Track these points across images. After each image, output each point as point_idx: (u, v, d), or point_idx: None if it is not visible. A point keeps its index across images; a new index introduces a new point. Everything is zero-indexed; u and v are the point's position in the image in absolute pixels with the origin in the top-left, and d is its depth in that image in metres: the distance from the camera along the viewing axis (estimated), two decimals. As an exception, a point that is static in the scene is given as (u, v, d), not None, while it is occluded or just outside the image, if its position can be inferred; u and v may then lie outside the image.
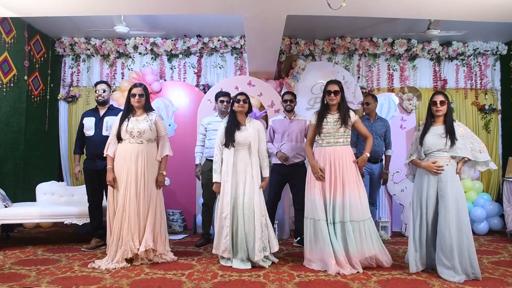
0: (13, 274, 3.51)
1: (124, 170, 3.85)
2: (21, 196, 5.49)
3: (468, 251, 3.39)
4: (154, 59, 6.62)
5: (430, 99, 3.69)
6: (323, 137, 3.89)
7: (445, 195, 3.45)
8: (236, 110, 4.00)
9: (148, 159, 3.94)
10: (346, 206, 3.71)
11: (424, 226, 3.57)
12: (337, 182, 3.76)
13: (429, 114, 3.66)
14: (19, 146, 5.65)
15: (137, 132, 3.90)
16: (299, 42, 6.38)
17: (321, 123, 3.88)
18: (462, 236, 3.39)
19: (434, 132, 3.58)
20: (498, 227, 5.58)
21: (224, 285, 3.27)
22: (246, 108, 4.02)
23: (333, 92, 3.86)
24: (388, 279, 3.43)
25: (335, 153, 3.84)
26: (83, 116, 4.71)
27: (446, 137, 3.52)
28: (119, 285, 3.21)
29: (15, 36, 5.55)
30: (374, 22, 5.72)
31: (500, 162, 6.56)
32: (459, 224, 3.41)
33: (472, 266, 3.39)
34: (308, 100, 6.15)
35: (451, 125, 3.55)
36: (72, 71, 6.67)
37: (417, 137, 3.72)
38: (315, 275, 3.56)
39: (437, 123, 3.62)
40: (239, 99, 3.99)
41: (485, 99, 6.61)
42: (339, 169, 3.79)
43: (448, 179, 3.49)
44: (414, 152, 3.74)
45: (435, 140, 3.55)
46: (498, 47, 6.49)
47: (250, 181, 3.89)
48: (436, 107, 3.58)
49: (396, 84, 6.56)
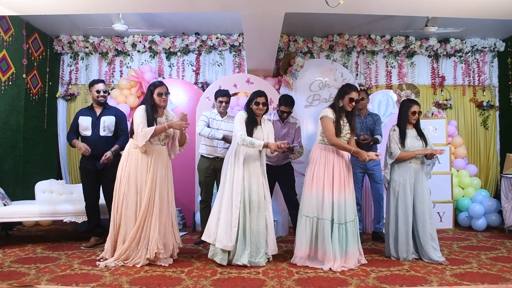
0: (12, 272, 3.51)
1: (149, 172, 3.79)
2: (20, 195, 5.49)
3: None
4: (152, 57, 6.62)
5: (406, 107, 4.04)
6: None
7: (422, 189, 3.97)
8: (255, 112, 3.90)
9: (169, 161, 4.02)
10: (350, 206, 3.75)
11: (409, 217, 3.95)
12: (345, 182, 3.77)
13: (405, 120, 4.06)
14: (18, 145, 5.66)
15: (164, 135, 3.89)
16: (298, 39, 6.39)
17: (338, 125, 3.81)
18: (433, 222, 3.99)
19: (411, 135, 4.06)
20: (496, 223, 5.60)
21: (223, 282, 3.28)
22: (264, 111, 3.96)
23: (355, 100, 3.81)
24: (387, 275, 3.44)
25: (341, 153, 3.85)
26: (78, 114, 4.60)
27: (421, 139, 4.05)
28: (118, 282, 3.22)
29: (13, 34, 5.54)
30: (372, 19, 5.73)
31: (498, 158, 6.59)
32: (431, 212, 3.99)
33: None
34: (307, 98, 6.16)
35: (420, 128, 4.10)
36: (70, 69, 6.67)
37: (397, 138, 4.03)
38: (314, 271, 3.57)
39: (410, 126, 4.10)
40: (258, 102, 3.87)
41: (483, 96, 6.64)
42: (346, 170, 3.81)
43: (422, 175, 4.02)
44: (396, 149, 4.00)
45: (414, 142, 4.03)
46: (496, 44, 6.51)
47: (260, 178, 3.84)
48: (415, 116, 4.03)
49: (394, 81, 6.58)
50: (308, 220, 3.79)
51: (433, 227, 3.94)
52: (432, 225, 3.93)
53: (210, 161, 4.63)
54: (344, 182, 3.76)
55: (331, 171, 3.76)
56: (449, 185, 5.71)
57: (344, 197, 3.73)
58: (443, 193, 5.65)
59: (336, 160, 3.79)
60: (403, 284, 3.21)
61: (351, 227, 3.72)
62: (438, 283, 3.25)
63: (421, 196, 3.95)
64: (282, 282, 3.27)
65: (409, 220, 3.94)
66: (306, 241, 3.77)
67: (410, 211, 3.95)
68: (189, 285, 3.17)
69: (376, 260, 3.98)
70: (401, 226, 3.95)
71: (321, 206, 3.73)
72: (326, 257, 3.65)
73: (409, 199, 3.95)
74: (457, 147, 6.25)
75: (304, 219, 3.82)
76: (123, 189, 3.79)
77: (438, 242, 3.96)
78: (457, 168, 6.16)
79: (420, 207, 3.94)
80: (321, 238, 3.70)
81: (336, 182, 3.73)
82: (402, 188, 3.97)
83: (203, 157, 4.71)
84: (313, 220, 3.77)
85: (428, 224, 3.90)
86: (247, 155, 3.81)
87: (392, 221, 4.03)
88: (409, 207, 3.94)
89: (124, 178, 3.80)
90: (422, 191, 3.96)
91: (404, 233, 3.94)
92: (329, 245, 3.64)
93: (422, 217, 3.91)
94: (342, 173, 3.78)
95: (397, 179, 4.01)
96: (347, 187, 3.78)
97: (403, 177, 3.99)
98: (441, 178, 5.57)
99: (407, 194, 3.95)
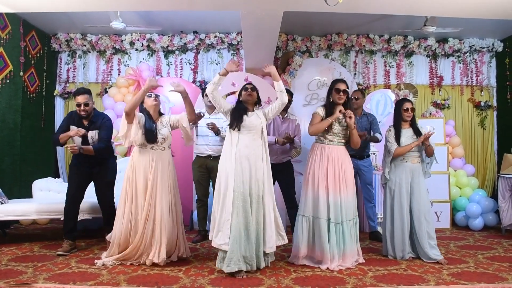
0: (9, 270, 3.50)
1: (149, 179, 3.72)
2: (18, 193, 5.47)
3: None
4: (150, 55, 6.61)
5: (399, 106, 4.09)
6: (329, 135, 3.82)
7: (419, 188, 3.98)
8: (243, 99, 3.70)
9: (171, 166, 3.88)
10: (348, 205, 3.72)
11: (405, 217, 3.96)
12: (341, 181, 3.73)
13: (399, 118, 4.09)
14: (15, 143, 5.64)
15: (161, 138, 3.81)
16: (296, 38, 6.39)
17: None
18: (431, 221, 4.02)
19: (406, 134, 4.06)
20: (493, 223, 5.62)
21: (220, 281, 3.28)
22: (254, 96, 3.71)
23: (342, 91, 3.78)
24: (384, 274, 3.45)
25: (339, 152, 3.82)
26: (69, 117, 4.21)
27: (418, 137, 4.00)
28: (116, 281, 3.22)
29: (11, 32, 5.52)
30: (370, 19, 5.73)
31: (496, 158, 6.61)
32: (429, 211, 4.03)
33: None
34: (305, 97, 6.16)
35: (417, 127, 4.09)
36: (68, 67, 6.65)
37: (393, 137, 4.05)
38: (312, 270, 3.57)
39: (405, 126, 4.10)
40: (246, 87, 3.71)
41: (481, 96, 6.66)
42: (341, 169, 3.77)
43: (419, 175, 4.02)
44: (392, 146, 4.02)
45: (410, 141, 4.01)
46: (494, 44, 6.53)
47: (260, 172, 3.54)
48: (407, 113, 4.05)
49: (393, 81, 6.59)
50: (305, 219, 3.80)
51: (431, 226, 3.96)
52: (430, 224, 3.96)
53: (203, 160, 4.67)
54: (339, 181, 3.72)
55: (325, 170, 3.75)
56: (447, 185, 5.72)
57: (340, 196, 3.70)
58: (440, 193, 5.66)
59: (330, 159, 3.77)
60: (400, 283, 3.21)
61: (347, 226, 3.70)
62: (435, 282, 3.26)
63: (417, 195, 3.97)
64: (280, 281, 3.27)
65: (404, 219, 3.96)
66: (304, 240, 3.77)
67: (406, 210, 3.96)
68: (187, 284, 3.17)
69: (373, 259, 3.98)
70: (397, 225, 3.98)
71: (317, 205, 3.73)
72: (323, 257, 3.64)
73: (404, 198, 3.97)
74: (455, 147, 6.27)
75: (301, 218, 3.83)
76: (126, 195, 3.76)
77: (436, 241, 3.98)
78: (454, 168, 6.18)
79: (416, 206, 3.95)
80: (318, 237, 3.70)
81: (330, 181, 3.71)
82: (398, 187, 4.00)
83: (197, 156, 4.79)
84: (309, 219, 3.78)
85: (424, 222, 3.92)
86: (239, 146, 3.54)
87: (388, 220, 4.06)
88: (404, 206, 3.96)
89: (129, 185, 3.76)
90: (418, 190, 3.98)
91: (400, 232, 3.96)
92: (326, 244, 3.64)
93: (418, 216, 3.93)
94: (337, 172, 3.74)
95: (394, 179, 4.04)
96: (343, 186, 3.73)
97: (399, 176, 4.02)
98: (438, 178, 5.56)
99: (403, 193, 3.97)
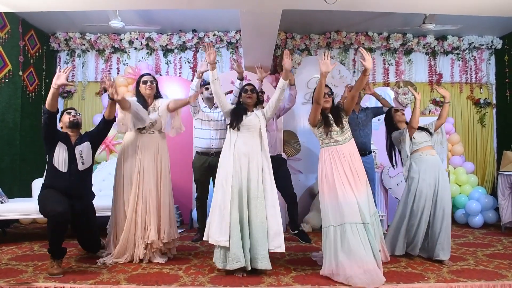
0: (10, 269, 3.51)
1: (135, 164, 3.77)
2: (17, 192, 5.48)
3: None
4: (149, 54, 6.60)
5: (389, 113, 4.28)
6: (332, 137, 3.54)
7: (444, 190, 3.86)
8: (243, 101, 3.71)
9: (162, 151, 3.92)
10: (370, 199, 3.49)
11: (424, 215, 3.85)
12: (358, 180, 3.44)
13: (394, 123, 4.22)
14: (15, 142, 5.64)
15: (150, 123, 3.83)
16: (295, 36, 6.38)
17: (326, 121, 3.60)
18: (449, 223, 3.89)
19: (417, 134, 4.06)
20: (493, 220, 5.63)
21: (221, 279, 3.28)
22: (254, 98, 3.71)
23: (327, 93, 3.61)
24: (384, 272, 3.42)
25: (349, 150, 3.54)
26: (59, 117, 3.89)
27: (422, 130, 4.09)
28: (116, 280, 3.22)
29: (9, 31, 5.51)
30: (369, 17, 5.73)
31: (495, 155, 6.61)
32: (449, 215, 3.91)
33: None
34: (304, 95, 6.15)
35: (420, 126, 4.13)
36: (67, 67, 6.62)
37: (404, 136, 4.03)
38: (312, 268, 3.57)
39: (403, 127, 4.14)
40: (246, 89, 3.71)
41: (480, 93, 6.66)
42: (355, 167, 3.47)
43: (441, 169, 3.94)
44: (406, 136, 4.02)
45: (419, 136, 4.04)
46: (493, 41, 6.53)
47: (260, 167, 3.49)
48: (398, 113, 4.23)
49: (392, 78, 6.59)
50: (336, 229, 3.34)
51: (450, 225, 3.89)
52: (449, 224, 3.88)
53: (205, 158, 4.62)
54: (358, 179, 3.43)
55: (342, 171, 3.42)
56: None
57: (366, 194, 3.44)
58: (440, 190, 5.65)
59: (349, 159, 3.47)
60: (400, 281, 3.22)
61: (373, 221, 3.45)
62: (435, 280, 3.26)
63: (444, 198, 3.85)
64: (280, 279, 3.28)
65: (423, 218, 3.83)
66: (346, 254, 3.25)
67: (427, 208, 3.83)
68: (187, 282, 3.17)
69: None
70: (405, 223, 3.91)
71: (350, 210, 3.31)
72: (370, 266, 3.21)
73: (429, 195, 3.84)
74: (454, 144, 6.27)
75: (330, 230, 3.36)
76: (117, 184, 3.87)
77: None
78: (454, 165, 6.18)
79: (440, 204, 3.83)
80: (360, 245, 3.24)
81: (351, 182, 3.40)
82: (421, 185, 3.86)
83: (198, 154, 4.72)
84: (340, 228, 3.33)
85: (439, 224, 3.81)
86: (237, 144, 3.53)
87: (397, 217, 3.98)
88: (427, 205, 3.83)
89: (118, 172, 3.88)
90: (444, 188, 3.87)
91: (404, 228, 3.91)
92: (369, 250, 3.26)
93: (442, 215, 3.81)
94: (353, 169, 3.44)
95: (416, 177, 3.91)
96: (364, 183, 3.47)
97: (422, 173, 3.89)
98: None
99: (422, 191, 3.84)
